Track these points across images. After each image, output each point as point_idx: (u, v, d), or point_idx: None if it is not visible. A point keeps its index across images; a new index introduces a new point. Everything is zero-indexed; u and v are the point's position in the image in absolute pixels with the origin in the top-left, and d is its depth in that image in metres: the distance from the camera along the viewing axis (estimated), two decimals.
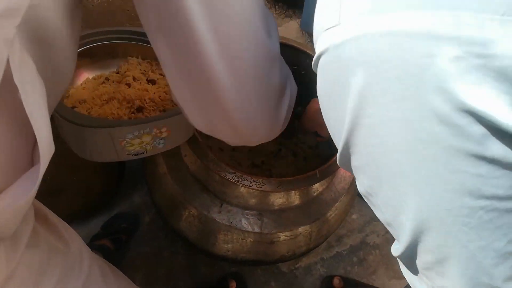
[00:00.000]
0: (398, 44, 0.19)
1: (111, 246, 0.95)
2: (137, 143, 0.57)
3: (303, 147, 1.00)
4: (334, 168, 0.74)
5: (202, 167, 0.82)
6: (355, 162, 0.26)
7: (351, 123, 0.23)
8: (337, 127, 0.26)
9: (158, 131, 0.58)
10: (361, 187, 0.27)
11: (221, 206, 0.84)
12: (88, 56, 0.69)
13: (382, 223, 0.27)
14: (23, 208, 0.32)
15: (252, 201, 0.82)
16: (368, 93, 0.21)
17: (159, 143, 0.61)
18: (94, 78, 0.70)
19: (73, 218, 1.01)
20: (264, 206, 0.84)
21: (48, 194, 0.87)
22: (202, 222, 0.86)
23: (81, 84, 0.68)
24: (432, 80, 0.19)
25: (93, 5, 0.85)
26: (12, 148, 0.31)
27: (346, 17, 0.22)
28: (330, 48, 0.23)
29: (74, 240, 0.50)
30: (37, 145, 0.29)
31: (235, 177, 0.72)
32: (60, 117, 0.51)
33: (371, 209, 0.28)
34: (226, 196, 0.83)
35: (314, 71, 0.26)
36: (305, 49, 0.84)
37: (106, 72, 0.71)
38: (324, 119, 0.28)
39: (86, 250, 0.53)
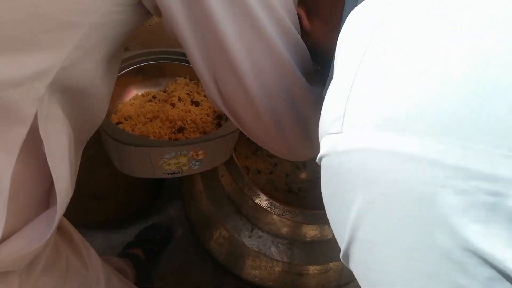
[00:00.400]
0: (401, 166, 0.18)
1: (142, 256, 0.97)
2: (173, 163, 0.59)
3: None
4: None
5: (237, 190, 0.81)
6: (353, 269, 0.25)
7: (351, 233, 0.22)
8: (339, 230, 0.25)
9: (194, 154, 0.59)
10: None
11: (252, 231, 0.83)
12: (140, 73, 0.72)
13: None
14: (39, 249, 0.33)
15: (284, 230, 0.81)
16: (367, 210, 0.20)
17: (194, 165, 0.62)
18: (142, 95, 0.73)
19: (109, 224, 1.05)
20: (295, 236, 0.82)
21: (90, 198, 0.92)
22: (232, 245, 0.85)
23: (130, 100, 0.71)
24: (434, 211, 0.17)
25: (150, 25, 0.89)
26: (31, 190, 0.32)
27: (349, 127, 0.21)
28: (332, 154, 0.22)
29: (93, 261, 0.51)
30: (54, 185, 0.30)
31: (269, 205, 0.71)
32: (104, 133, 0.54)
33: None
34: (258, 221, 0.82)
35: (318, 164, 0.26)
36: None
37: (154, 90, 0.74)
38: (328, 215, 0.27)
39: (102, 271, 0.54)
